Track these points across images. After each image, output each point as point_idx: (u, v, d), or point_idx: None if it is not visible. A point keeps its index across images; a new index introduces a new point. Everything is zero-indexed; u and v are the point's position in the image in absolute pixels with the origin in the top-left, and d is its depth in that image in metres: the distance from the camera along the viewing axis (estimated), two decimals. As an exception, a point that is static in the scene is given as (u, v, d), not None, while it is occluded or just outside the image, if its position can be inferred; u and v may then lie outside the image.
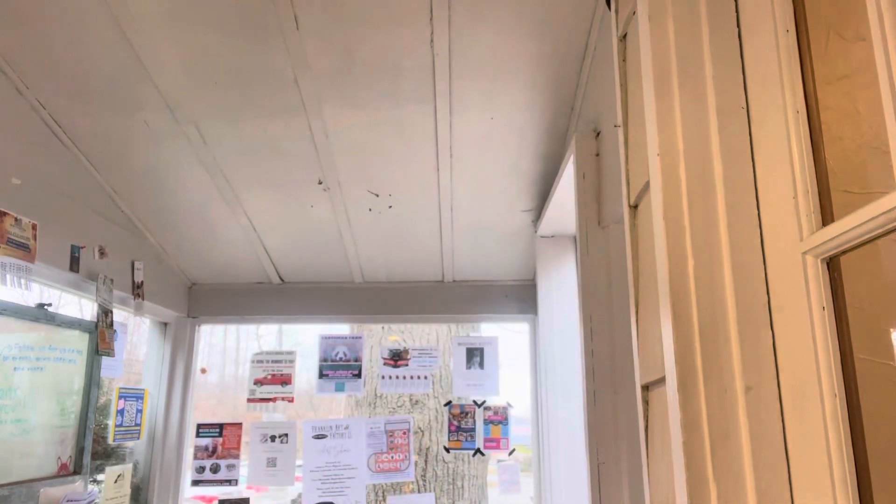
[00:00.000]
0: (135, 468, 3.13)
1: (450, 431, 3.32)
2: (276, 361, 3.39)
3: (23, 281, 2.14)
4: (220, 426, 3.29)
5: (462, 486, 4.04)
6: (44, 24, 2.01)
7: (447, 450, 3.34)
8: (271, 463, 3.25)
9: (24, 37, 2.05)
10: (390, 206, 2.87)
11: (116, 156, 2.56)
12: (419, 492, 3.92)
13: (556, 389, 2.83)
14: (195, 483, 3.24)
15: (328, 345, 3.38)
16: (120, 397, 2.90)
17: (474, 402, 3.35)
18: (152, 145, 2.51)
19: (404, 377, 3.37)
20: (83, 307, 3.47)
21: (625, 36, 1.46)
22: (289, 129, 2.43)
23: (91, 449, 2.62)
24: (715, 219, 1.06)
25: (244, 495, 3.30)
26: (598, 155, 2.03)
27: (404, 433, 3.30)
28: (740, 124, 1.09)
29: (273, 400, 3.36)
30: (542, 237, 2.98)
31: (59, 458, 2.49)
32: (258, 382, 3.35)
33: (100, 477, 2.89)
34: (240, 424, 3.31)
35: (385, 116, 2.38)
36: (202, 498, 5.72)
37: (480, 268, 3.32)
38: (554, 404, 2.81)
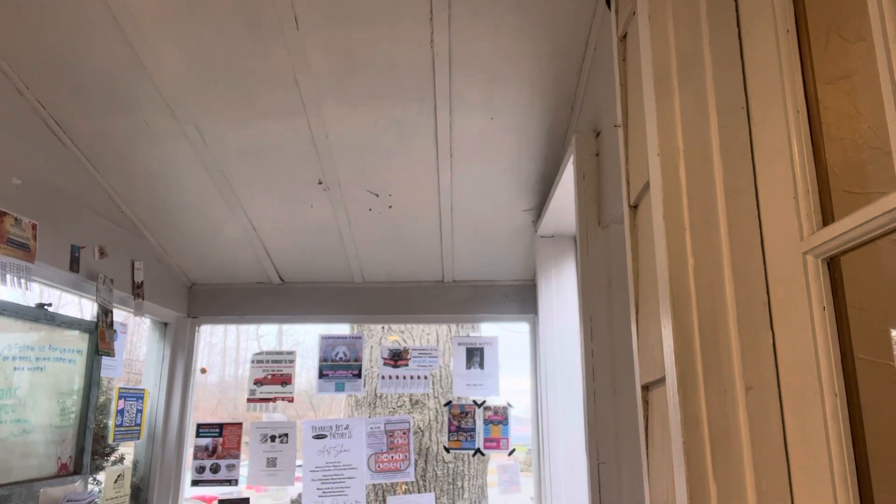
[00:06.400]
0: (135, 468, 3.13)
1: (450, 431, 3.32)
2: (276, 361, 3.39)
3: (23, 281, 2.14)
4: (220, 426, 3.29)
5: (462, 486, 4.04)
6: (44, 24, 2.01)
7: (447, 450, 3.34)
8: (271, 463, 3.25)
9: (24, 37, 2.05)
10: (390, 206, 2.86)
11: (116, 156, 2.56)
12: (419, 492, 3.92)
13: (556, 389, 2.83)
14: (195, 483, 3.24)
15: (328, 345, 3.38)
16: (120, 397, 2.90)
17: (474, 402, 3.35)
18: (152, 145, 2.51)
19: (404, 377, 3.37)
20: (83, 307, 3.48)
21: (625, 36, 1.46)
22: (289, 129, 2.43)
23: (91, 449, 2.62)
24: (715, 219, 1.06)
25: (244, 495, 3.30)
26: (598, 155, 2.03)
27: (404, 433, 3.30)
28: (740, 124, 1.09)
29: (273, 400, 3.36)
30: (542, 237, 2.98)
31: (59, 458, 2.49)
32: (258, 382, 3.35)
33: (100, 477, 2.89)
34: (240, 424, 3.31)
35: (385, 116, 2.38)
36: (202, 498, 5.73)
37: (480, 268, 3.32)
38: (554, 404, 2.81)
